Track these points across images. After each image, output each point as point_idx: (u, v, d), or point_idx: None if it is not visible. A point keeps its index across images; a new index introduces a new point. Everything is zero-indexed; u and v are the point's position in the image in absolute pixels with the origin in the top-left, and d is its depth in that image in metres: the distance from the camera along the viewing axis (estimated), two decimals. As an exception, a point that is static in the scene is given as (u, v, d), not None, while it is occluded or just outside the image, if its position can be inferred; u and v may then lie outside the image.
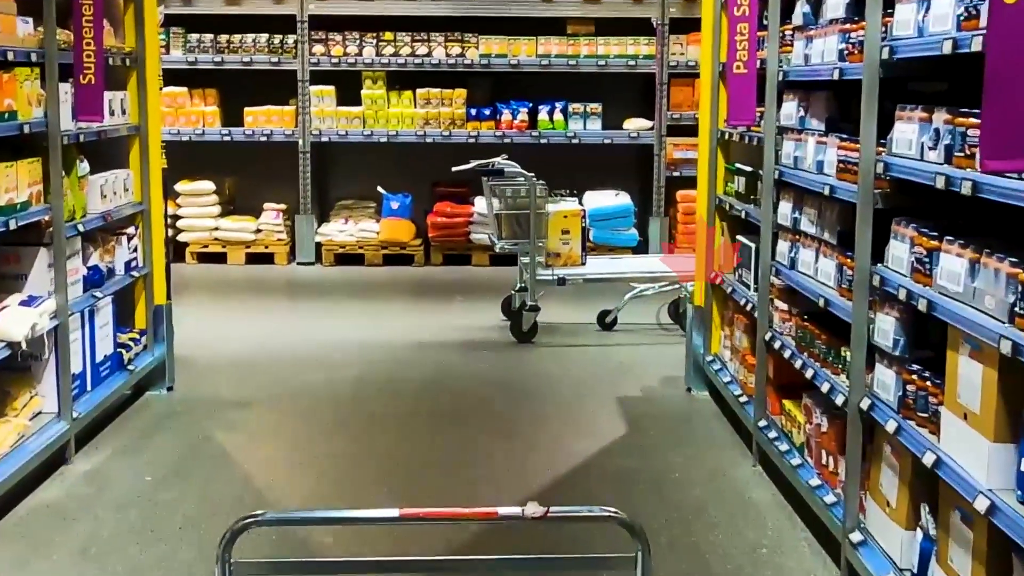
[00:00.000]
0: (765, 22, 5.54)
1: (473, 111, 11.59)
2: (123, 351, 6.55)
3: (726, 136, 6.65)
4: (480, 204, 11.27)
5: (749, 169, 6.21)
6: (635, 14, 11.45)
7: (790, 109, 5.30)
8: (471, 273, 11.33)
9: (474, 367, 7.76)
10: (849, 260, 4.49)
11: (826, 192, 4.64)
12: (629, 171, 12.04)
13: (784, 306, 5.44)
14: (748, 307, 6.01)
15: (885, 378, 4.09)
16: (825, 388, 4.68)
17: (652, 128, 11.59)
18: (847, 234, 4.61)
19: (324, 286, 10.79)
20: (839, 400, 4.51)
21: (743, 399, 6.07)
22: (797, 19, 5.26)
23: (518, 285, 9.01)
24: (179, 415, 6.60)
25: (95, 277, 6.19)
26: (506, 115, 11.59)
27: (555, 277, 8.35)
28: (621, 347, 8.34)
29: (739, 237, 6.40)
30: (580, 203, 10.93)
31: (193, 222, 11.64)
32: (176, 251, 11.50)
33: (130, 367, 6.58)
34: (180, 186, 11.59)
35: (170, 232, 11.40)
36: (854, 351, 4.31)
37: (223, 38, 11.54)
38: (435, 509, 2.97)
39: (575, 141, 11.58)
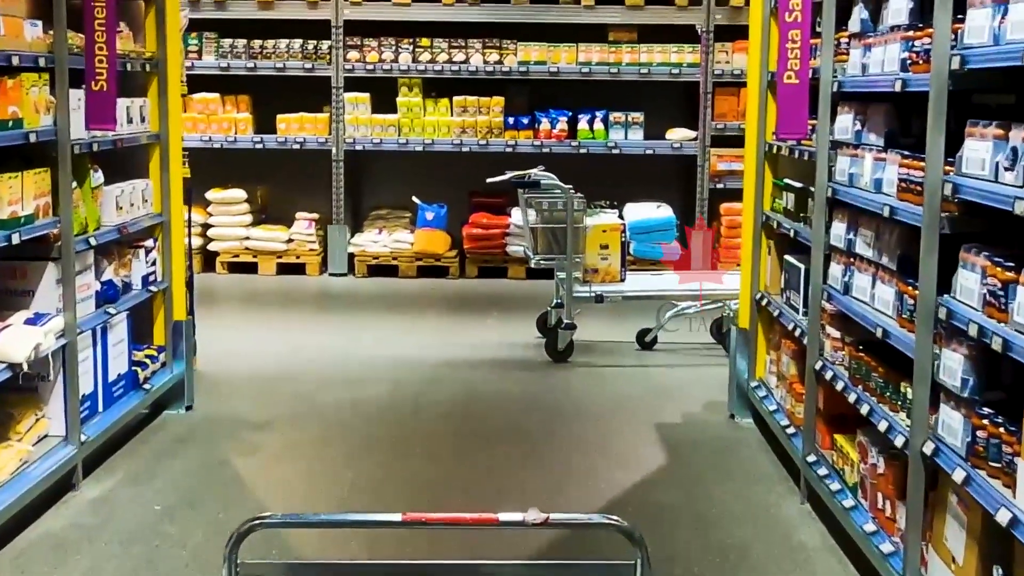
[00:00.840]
0: (819, 29, 5.18)
1: (511, 120, 11.27)
2: (138, 369, 6.27)
3: (774, 150, 6.28)
4: (517, 216, 10.96)
5: (799, 185, 5.84)
6: (679, 21, 11.09)
7: (845, 122, 4.93)
8: (507, 287, 11.01)
9: (507, 387, 7.43)
10: (911, 289, 4.12)
11: (886, 214, 4.27)
12: (671, 183, 11.69)
13: (836, 333, 5.07)
14: (796, 332, 5.64)
15: (951, 421, 3.71)
16: (883, 427, 4.30)
17: (696, 138, 11.22)
18: (908, 260, 4.25)
19: (355, 298, 10.50)
20: (898, 441, 4.14)
21: (790, 430, 5.70)
22: (854, 25, 4.89)
23: (554, 301, 8.67)
24: (196, 436, 6.31)
25: (109, 292, 5.91)
26: (545, 124, 11.26)
27: (593, 294, 8.01)
28: (661, 368, 7.98)
29: (787, 257, 6.02)
30: (620, 215, 10.63)
31: (224, 231, 11.39)
32: (206, 260, 11.34)
33: (146, 386, 6.29)
34: (211, 194, 11.36)
35: (200, 241, 11.30)
36: (917, 389, 3.94)
37: (256, 43, 11.30)
38: (437, 514, 2.94)
39: (616, 151, 11.24)
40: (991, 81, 3.74)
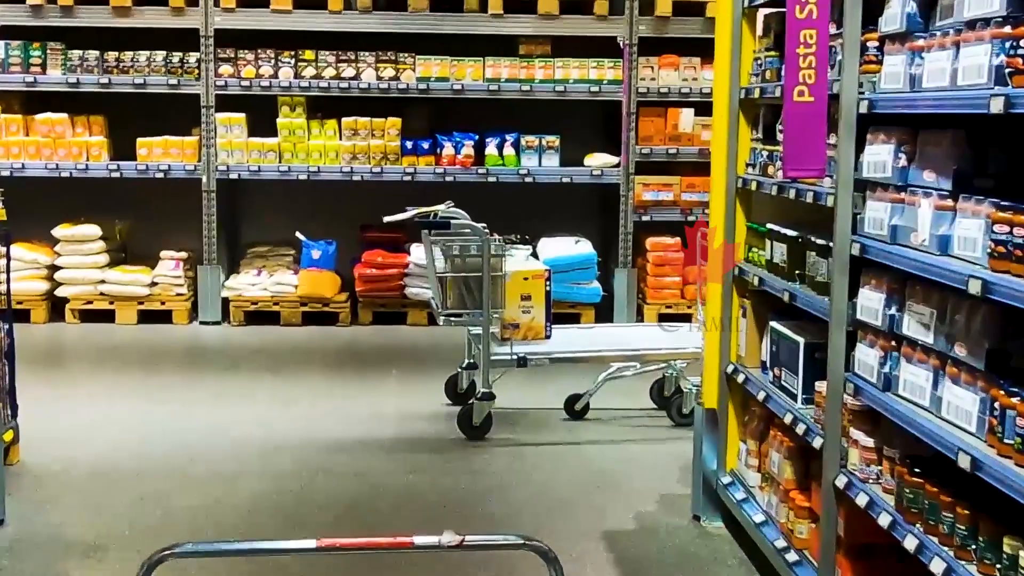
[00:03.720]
0: (839, 30, 3.86)
1: (409, 144, 9.86)
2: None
3: (748, 185, 4.99)
4: (417, 253, 9.59)
5: (792, 234, 4.54)
6: (599, 32, 9.80)
7: (880, 155, 3.61)
8: (407, 336, 9.57)
9: (412, 482, 5.97)
10: (1015, 401, 2.82)
11: (972, 289, 2.96)
12: (591, 214, 10.40)
13: (868, 441, 3.75)
14: (795, 425, 4.32)
15: None
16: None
17: (618, 165, 9.92)
18: (1002, 356, 2.95)
19: (230, 353, 8.96)
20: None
21: (791, 556, 4.36)
22: (891, 23, 3.58)
23: (465, 361, 7.30)
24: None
25: None
26: (448, 148, 9.87)
27: (514, 357, 6.62)
28: (599, 446, 6.62)
29: (775, 325, 4.71)
30: (535, 252, 9.31)
31: (74, 273, 9.77)
32: (54, 308, 9.78)
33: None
34: (59, 230, 9.77)
35: (46, 285, 9.67)
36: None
37: (111, 55, 9.72)
38: (352, 540, 3.06)
39: (528, 179, 9.89)
40: None
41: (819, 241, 4.21)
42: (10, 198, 9.93)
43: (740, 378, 5.05)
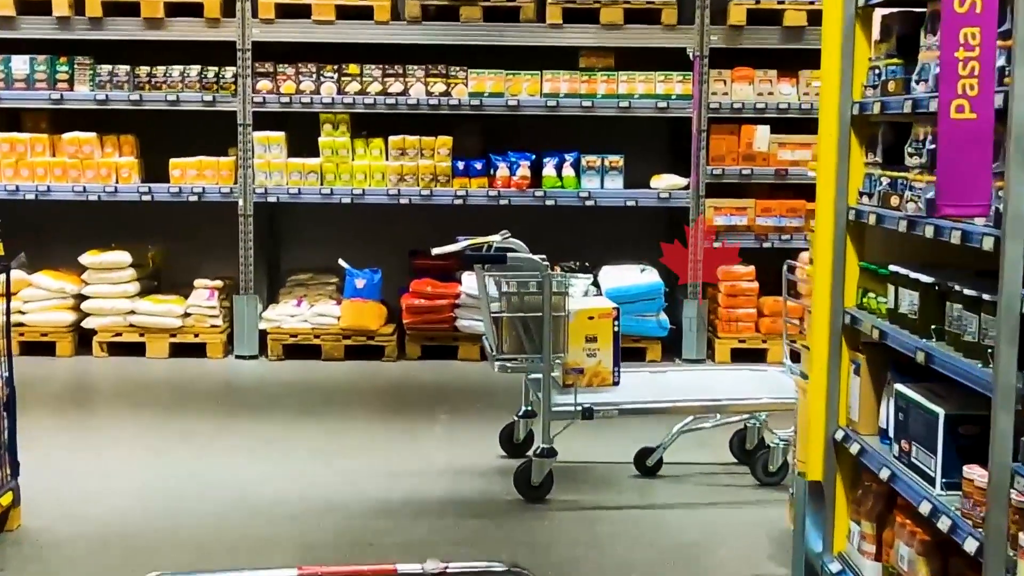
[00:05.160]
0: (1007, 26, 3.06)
1: (461, 164, 9.13)
2: None
3: (863, 218, 4.20)
4: (469, 282, 8.87)
5: (926, 279, 3.74)
6: (666, 43, 9.03)
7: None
8: (458, 372, 8.83)
9: (464, 554, 5.20)
10: None
11: None
12: (657, 240, 9.60)
13: (1046, 552, 2.94)
14: (934, 517, 3.52)
15: None
16: None
17: (687, 187, 9.14)
18: None
19: (265, 393, 8.25)
20: None
21: None
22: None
23: (522, 408, 6.54)
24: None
25: None
26: (503, 170, 9.13)
27: (578, 408, 5.84)
28: (677, 510, 5.82)
29: (901, 388, 3.91)
30: (596, 281, 8.56)
31: (103, 303, 9.12)
32: (81, 340, 9.15)
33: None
34: (87, 258, 9.16)
35: (73, 316, 9.04)
36: None
37: (142, 70, 9.08)
38: (334, 568, 3.28)
39: (590, 203, 9.14)
40: None
41: (967, 291, 3.41)
42: (35, 223, 9.53)
43: (852, 448, 4.25)
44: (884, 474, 3.92)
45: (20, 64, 9.02)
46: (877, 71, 4.17)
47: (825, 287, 4.43)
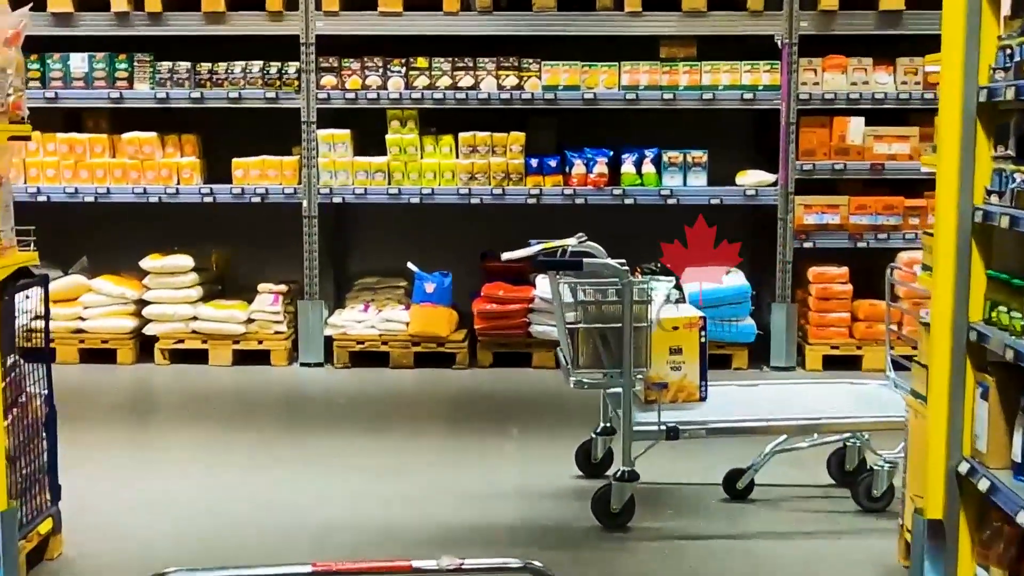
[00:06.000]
0: None
1: (534, 161, 8.69)
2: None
3: (991, 220, 3.66)
4: (543, 285, 8.40)
5: (1075, 293, 3.20)
6: (752, 31, 8.51)
7: None
8: (532, 380, 8.39)
9: (536, 590, 4.75)
10: None
11: None
12: (744, 240, 9.02)
13: None
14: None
15: None
16: None
17: (775, 183, 8.60)
18: None
19: (330, 404, 7.86)
20: None
21: None
22: None
23: (600, 425, 6.06)
24: None
25: None
26: (578, 166, 8.67)
27: (662, 428, 5.34)
28: (771, 540, 5.30)
29: (1043, 417, 3.37)
30: (678, 284, 8.03)
31: (164, 309, 8.81)
32: (143, 347, 8.85)
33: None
34: (148, 262, 8.85)
35: (134, 323, 8.74)
36: None
37: (203, 67, 8.75)
38: (348, 564, 3.19)
39: (671, 201, 8.65)
40: None
41: None
42: (95, 226, 9.26)
43: (981, 483, 3.72)
44: (1022, 518, 3.38)
45: (79, 62, 8.74)
46: (1008, 51, 3.63)
47: (947, 298, 3.90)
